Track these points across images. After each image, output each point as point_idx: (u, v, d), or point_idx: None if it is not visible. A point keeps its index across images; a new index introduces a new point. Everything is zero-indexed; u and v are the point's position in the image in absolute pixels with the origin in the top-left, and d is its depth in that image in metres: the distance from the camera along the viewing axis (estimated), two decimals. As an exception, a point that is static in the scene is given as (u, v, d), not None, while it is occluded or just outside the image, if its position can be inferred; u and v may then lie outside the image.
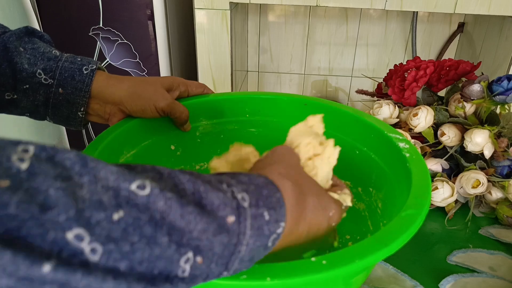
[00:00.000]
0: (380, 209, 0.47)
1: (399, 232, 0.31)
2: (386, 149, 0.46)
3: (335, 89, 1.50)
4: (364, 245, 0.30)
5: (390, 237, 0.30)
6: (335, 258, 0.28)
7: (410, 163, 0.40)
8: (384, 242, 0.30)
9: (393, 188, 0.44)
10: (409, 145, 0.44)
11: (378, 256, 0.29)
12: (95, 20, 1.06)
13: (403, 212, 0.33)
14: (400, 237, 0.30)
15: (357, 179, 0.52)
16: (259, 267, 0.27)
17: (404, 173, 0.41)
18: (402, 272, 0.49)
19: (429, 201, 0.35)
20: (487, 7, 0.96)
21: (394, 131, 0.47)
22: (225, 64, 1.09)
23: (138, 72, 1.12)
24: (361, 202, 0.51)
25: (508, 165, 0.59)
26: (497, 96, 0.59)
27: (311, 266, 0.27)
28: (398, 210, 0.35)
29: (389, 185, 0.45)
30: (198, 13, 1.03)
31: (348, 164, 0.52)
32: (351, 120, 0.52)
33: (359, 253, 0.28)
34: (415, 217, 0.33)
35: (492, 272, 0.50)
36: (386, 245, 0.29)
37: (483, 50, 1.20)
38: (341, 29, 1.38)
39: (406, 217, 0.33)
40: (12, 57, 0.43)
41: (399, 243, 0.30)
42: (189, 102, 0.53)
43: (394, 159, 0.44)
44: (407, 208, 0.34)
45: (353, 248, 0.29)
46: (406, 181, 0.40)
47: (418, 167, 0.40)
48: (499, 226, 0.59)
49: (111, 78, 0.48)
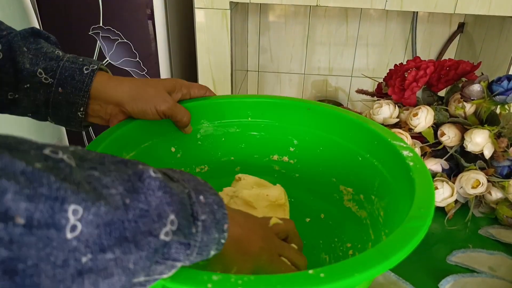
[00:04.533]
0: (382, 218, 0.45)
1: (401, 244, 0.30)
2: (390, 156, 0.45)
3: (335, 89, 1.50)
4: (365, 257, 0.29)
5: (392, 249, 0.29)
6: (334, 271, 0.27)
7: (414, 172, 0.39)
8: (386, 254, 0.29)
9: (396, 197, 0.43)
10: (413, 154, 0.43)
11: (379, 269, 0.28)
12: (95, 20, 1.06)
13: (406, 224, 0.32)
14: (402, 249, 0.29)
15: (359, 186, 0.51)
16: (255, 279, 0.26)
17: (407, 182, 0.40)
18: (404, 279, 0.49)
19: (433, 212, 0.34)
20: (487, 8, 0.96)
21: (398, 138, 0.46)
22: (225, 64, 1.09)
23: (138, 72, 1.12)
24: (363, 210, 0.50)
25: (508, 165, 0.59)
26: (497, 96, 0.59)
27: (309, 279, 0.26)
28: (400, 220, 0.34)
29: (391, 194, 0.44)
30: (198, 12, 1.03)
31: (351, 170, 0.52)
32: (354, 126, 0.51)
33: (359, 266, 0.28)
34: (418, 229, 0.32)
35: (492, 272, 0.50)
36: (388, 258, 0.28)
37: (483, 50, 1.20)
38: (341, 29, 1.38)
39: (408, 229, 0.32)
40: (15, 57, 0.44)
41: (400, 256, 0.29)
42: (190, 104, 0.53)
43: (398, 167, 0.43)
44: (410, 220, 0.33)
45: (353, 261, 0.28)
46: (409, 191, 0.39)
47: (422, 177, 0.39)
48: (498, 226, 0.59)
49: (112, 79, 0.47)
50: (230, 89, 1.12)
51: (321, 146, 0.55)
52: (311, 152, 0.56)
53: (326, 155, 0.55)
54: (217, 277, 0.26)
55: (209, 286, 0.25)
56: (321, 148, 0.55)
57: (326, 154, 0.55)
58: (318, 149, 0.55)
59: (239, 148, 0.58)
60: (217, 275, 0.26)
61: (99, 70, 0.47)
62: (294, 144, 0.57)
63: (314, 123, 0.55)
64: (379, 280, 0.49)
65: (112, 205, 0.22)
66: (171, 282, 0.26)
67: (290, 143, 0.57)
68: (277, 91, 1.50)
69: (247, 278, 0.26)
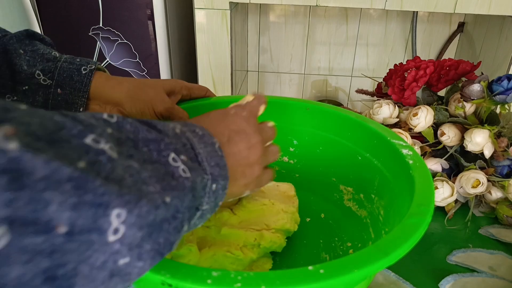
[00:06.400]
0: (382, 217, 0.46)
1: (400, 241, 0.30)
2: (389, 155, 0.46)
3: (335, 89, 1.50)
4: (364, 254, 0.28)
5: (391, 246, 0.29)
6: (333, 267, 0.27)
7: (413, 170, 0.40)
8: (385, 251, 0.29)
9: (396, 195, 0.43)
10: (413, 152, 0.43)
11: (378, 265, 0.28)
12: (95, 20, 1.06)
13: (406, 220, 0.32)
14: (402, 246, 0.29)
15: (359, 186, 0.51)
16: (254, 275, 0.26)
17: (407, 180, 0.40)
18: (404, 279, 0.49)
19: (432, 209, 0.34)
20: (487, 7, 0.96)
21: (397, 137, 0.46)
22: (225, 64, 1.09)
23: (138, 72, 1.12)
24: (363, 209, 0.50)
25: (508, 164, 0.59)
26: (497, 96, 0.59)
27: (308, 275, 0.26)
28: (400, 218, 0.34)
29: (391, 192, 0.44)
30: (198, 13, 1.03)
31: (351, 170, 0.52)
32: (354, 125, 0.51)
33: (358, 262, 0.27)
34: (418, 226, 0.31)
35: (492, 272, 0.50)
36: (387, 254, 0.28)
37: (483, 50, 1.20)
38: (341, 29, 1.38)
39: (408, 226, 0.32)
40: (11, 59, 0.43)
41: (400, 252, 0.29)
42: (190, 105, 0.53)
43: (397, 165, 0.43)
44: (410, 217, 0.33)
45: (353, 257, 0.28)
46: (409, 189, 0.39)
47: (422, 174, 0.39)
48: (499, 226, 0.59)
49: (111, 79, 0.47)
50: (230, 89, 1.12)
51: (321, 146, 0.55)
52: (311, 152, 0.56)
53: (326, 155, 0.55)
54: (217, 273, 0.26)
55: (208, 282, 0.25)
56: (320, 148, 0.55)
57: (326, 154, 0.55)
58: (318, 149, 0.55)
59: None
60: (216, 271, 0.26)
61: (97, 70, 0.47)
62: (294, 144, 0.57)
63: (313, 123, 0.55)
64: (378, 280, 0.49)
65: (153, 204, 0.22)
66: (171, 278, 0.26)
67: (290, 143, 0.57)
68: (277, 91, 1.51)
69: (246, 274, 0.26)
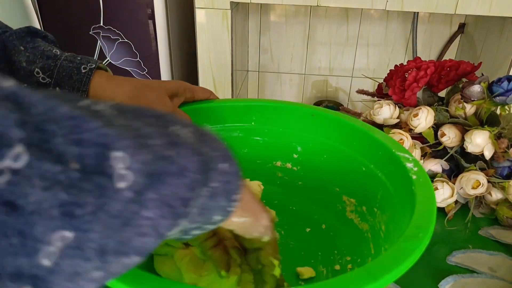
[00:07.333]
0: (383, 233, 0.44)
1: (391, 265, 0.28)
2: (393, 168, 0.44)
3: (335, 89, 1.50)
4: (352, 277, 0.27)
5: (381, 270, 0.28)
6: None
7: (416, 186, 0.38)
8: (374, 275, 0.27)
9: (397, 211, 0.41)
10: (418, 167, 0.41)
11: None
12: (95, 19, 1.06)
13: (400, 243, 0.31)
14: (392, 271, 0.28)
15: (362, 197, 0.50)
16: None
17: (408, 196, 0.39)
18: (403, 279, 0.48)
19: (431, 232, 0.32)
20: (488, 8, 0.96)
21: (404, 150, 0.44)
22: (226, 64, 1.09)
23: (139, 72, 1.12)
24: (365, 222, 0.48)
25: (508, 166, 0.59)
26: (497, 97, 0.59)
27: None
28: (399, 236, 0.33)
29: (393, 208, 0.43)
30: (199, 12, 1.03)
31: (354, 181, 0.50)
32: (359, 134, 0.49)
33: (345, 286, 0.27)
34: (412, 250, 0.30)
35: (492, 273, 0.50)
36: (376, 279, 0.27)
37: (483, 51, 1.20)
38: (341, 29, 1.38)
39: (402, 250, 0.30)
40: (11, 56, 0.43)
41: (390, 277, 0.28)
42: (193, 107, 0.52)
43: (400, 180, 0.42)
44: (406, 239, 0.31)
45: (340, 280, 0.27)
46: (410, 206, 0.37)
47: (424, 192, 0.37)
48: (499, 227, 0.59)
49: (112, 79, 0.46)
50: (230, 89, 1.12)
51: (325, 154, 0.54)
52: (315, 159, 0.55)
53: (330, 163, 0.53)
54: None
55: None
56: (325, 156, 0.54)
57: (330, 162, 0.53)
58: (322, 156, 0.54)
59: (242, 153, 0.56)
60: None
61: (98, 69, 0.46)
62: (298, 151, 0.56)
63: (318, 130, 0.53)
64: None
65: (156, 154, 0.21)
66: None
67: (294, 150, 0.56)
68: (278, 91, 1.51)
69: None
